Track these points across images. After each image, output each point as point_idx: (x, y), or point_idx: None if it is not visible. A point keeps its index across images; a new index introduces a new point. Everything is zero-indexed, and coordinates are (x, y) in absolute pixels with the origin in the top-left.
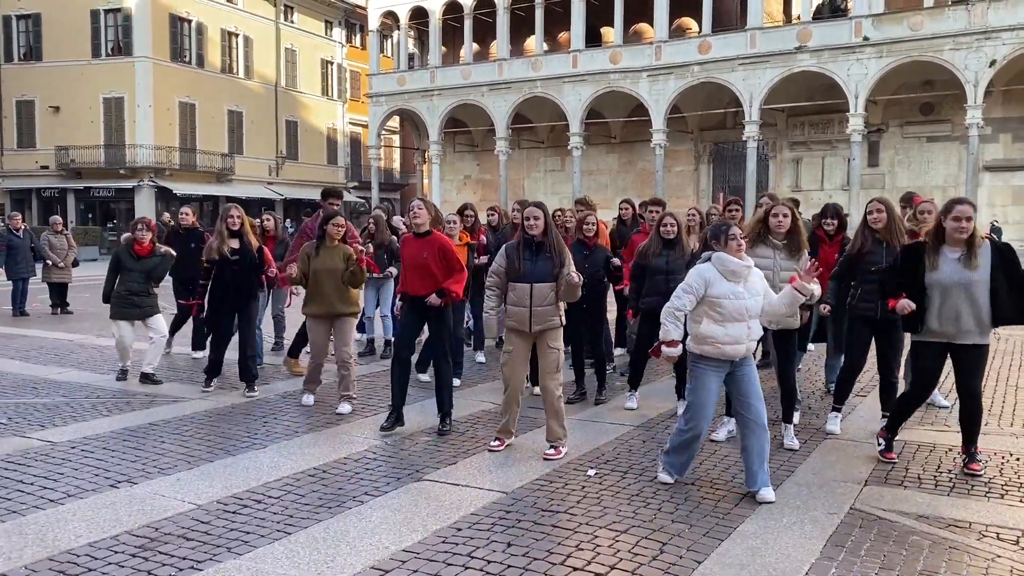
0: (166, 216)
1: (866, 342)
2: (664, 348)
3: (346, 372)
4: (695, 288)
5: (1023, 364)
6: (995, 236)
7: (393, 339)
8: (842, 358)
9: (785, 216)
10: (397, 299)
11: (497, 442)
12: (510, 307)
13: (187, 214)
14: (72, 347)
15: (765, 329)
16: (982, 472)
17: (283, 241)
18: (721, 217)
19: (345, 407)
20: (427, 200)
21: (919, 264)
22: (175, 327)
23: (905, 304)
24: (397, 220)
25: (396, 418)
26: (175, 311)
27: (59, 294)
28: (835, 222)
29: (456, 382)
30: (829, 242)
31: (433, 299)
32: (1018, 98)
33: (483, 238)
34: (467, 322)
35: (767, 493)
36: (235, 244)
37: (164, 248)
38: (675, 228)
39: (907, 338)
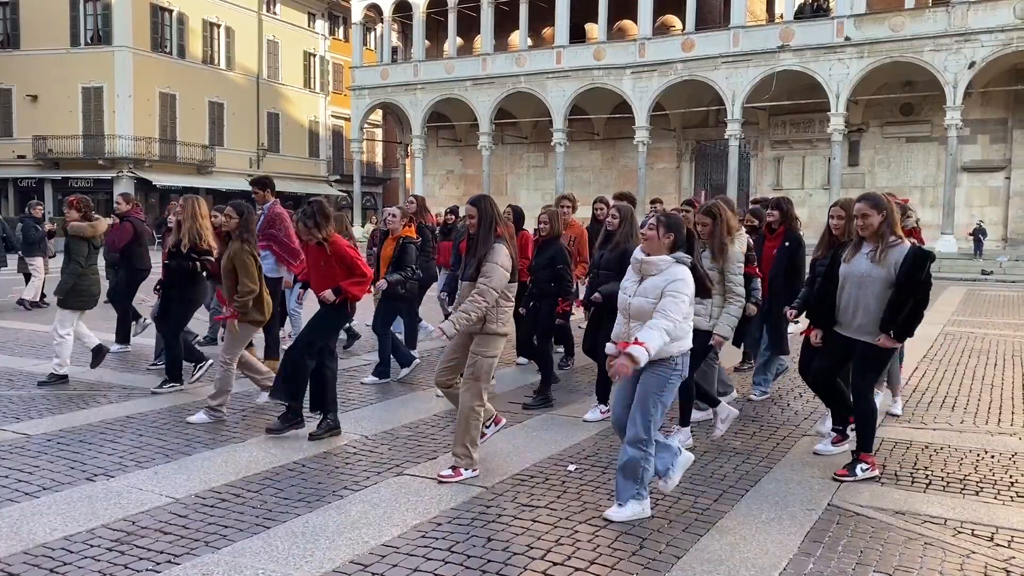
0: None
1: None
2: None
3: (220, 376)
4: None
5: (998, 362)
6: (981, 236)
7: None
8: (776, 361)
9: (704, 225)
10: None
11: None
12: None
13: (119, 203)
14: (48, 338)
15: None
16: (851, 479)
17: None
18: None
19: (200, 416)
20: (324, 202)
21: (839, 259)
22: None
23: (815, 337)
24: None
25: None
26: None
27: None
28: (776, 213)
29: (405, 371)
30: (771, 235)
31: (327, 295)
32: (996, 100)
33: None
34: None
35: (612, 512)
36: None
37: (71, 224)
38: (616, 220)
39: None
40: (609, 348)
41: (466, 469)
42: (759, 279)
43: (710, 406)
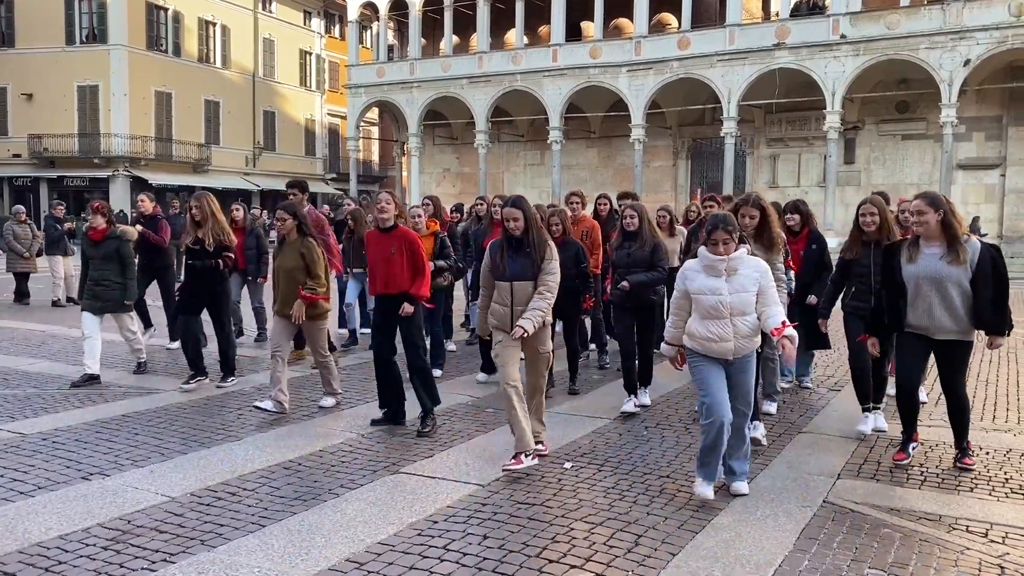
0: (175, 201)
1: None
2: (662, 348)
3: (324, 372)
4: (678, 284)
5: (993, 359)
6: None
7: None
8: (809, 353)
9: (752, 218)
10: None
11: (513, 460)
12: (493, 305)
13: (143, 201)
14: (44, 338)
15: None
16: (974, 467)
17: (252, 232)
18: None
19: (327, 400)
20: (394, 193)
21: (894, 262)
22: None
23: (873, 345)
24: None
25: (389, 414)
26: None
27: (23, 283)
28: (796, 217)
29: (437, 372)
30: (794, 238)
31: (406, 309)
32: (991, 97)
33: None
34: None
35: (739, 485)
36: (200, 235)
37: (122, 228)
38: (636, 220)
39: None
40: (667, 350)
41: (525, 455)
42: (793, 271)
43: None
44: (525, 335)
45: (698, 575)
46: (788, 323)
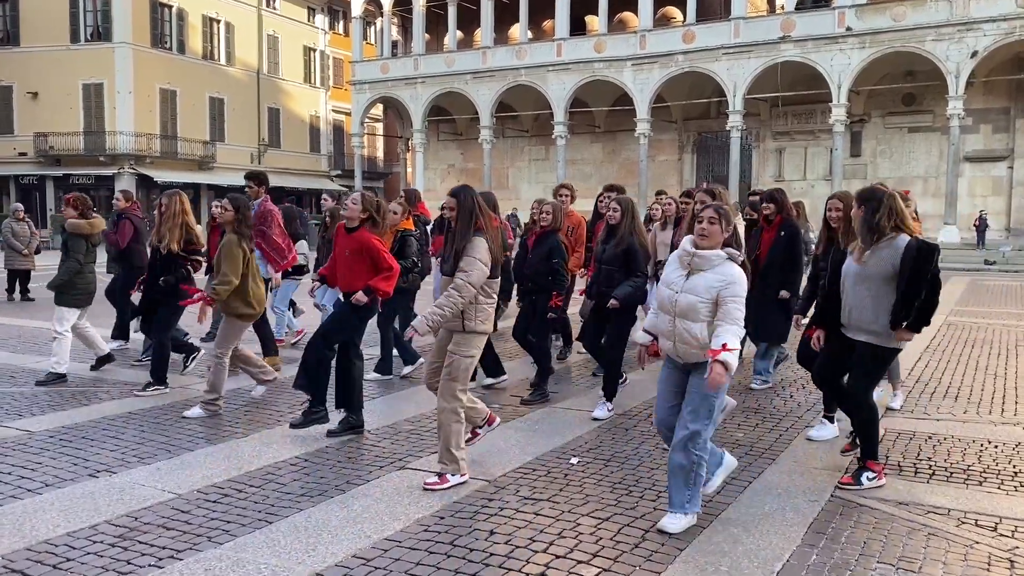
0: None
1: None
2: (635, 335)
3: (213, 369)
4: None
5: (1001, 352)
6: (984, 226)
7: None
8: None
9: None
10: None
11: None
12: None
13: (118, 198)
14: (49, 335)
15: None
16: (856, 488)
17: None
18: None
19: (196, 411)
20: (366, 194)
21: (839, 260)
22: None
23: (816, 341)
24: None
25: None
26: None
27: (21, 281)
28: (771, 205)
29: (408, 369)
30: (768, 226)
31: (359, 297)
32: (998, 89)
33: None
34: None
35: (667, 521)
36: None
37: (71, 221)
38: (618, 214)
39: None
40: (640, 337)
41: (452, 475)
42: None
43: None
44: (414, 335)
45: (705, 570)
46: (730, 348)
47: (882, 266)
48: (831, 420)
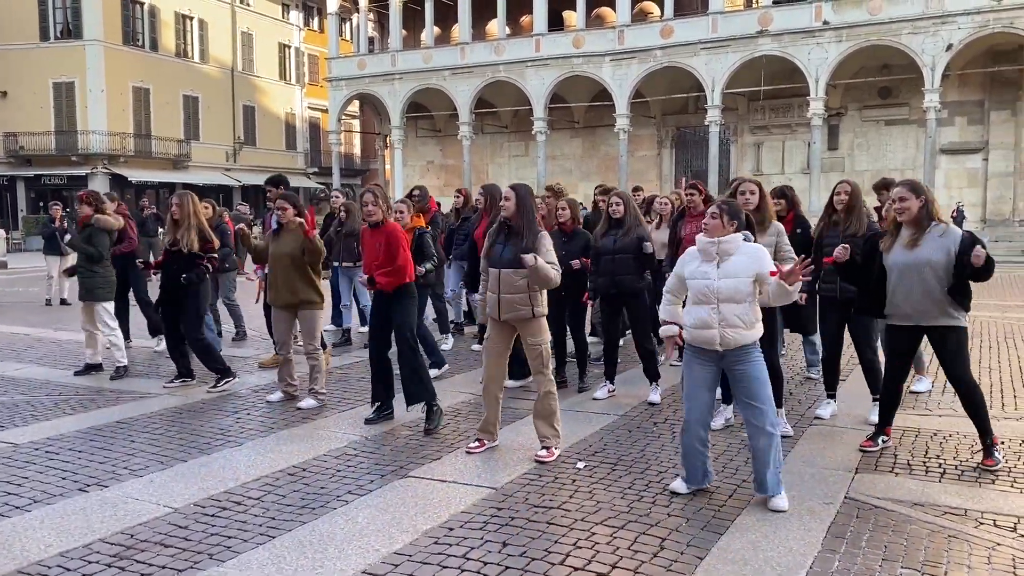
0: (145, 201)
1: (835, 324)
2: (661, 330)
3: (313, 364)
4: (676, 269)
5: (991, 345)
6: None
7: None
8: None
9: (752, 193)
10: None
11: (476, 443)
12: (487, 293)
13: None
14: (29, 341)
15: None
16: (996, 467)
17: (217, 228)
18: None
19: (308, 402)
20: (375, 189)
21: (875, 253)
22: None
23: (840, 252)
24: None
25: (380, 410)
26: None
27: None
28: (782, 201)
29: (435, 372)
30: (781, 222)
31: (361, 280)
32: (973, 82)
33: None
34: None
35: (777, 502)
36: (178, 236)
37: (97, 216)
38: (621, 207)
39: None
40: (666, 330)
41: (557, 447)
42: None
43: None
44: (533, 262)
45: None
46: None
47: (941, 252)
48: (834, 398)
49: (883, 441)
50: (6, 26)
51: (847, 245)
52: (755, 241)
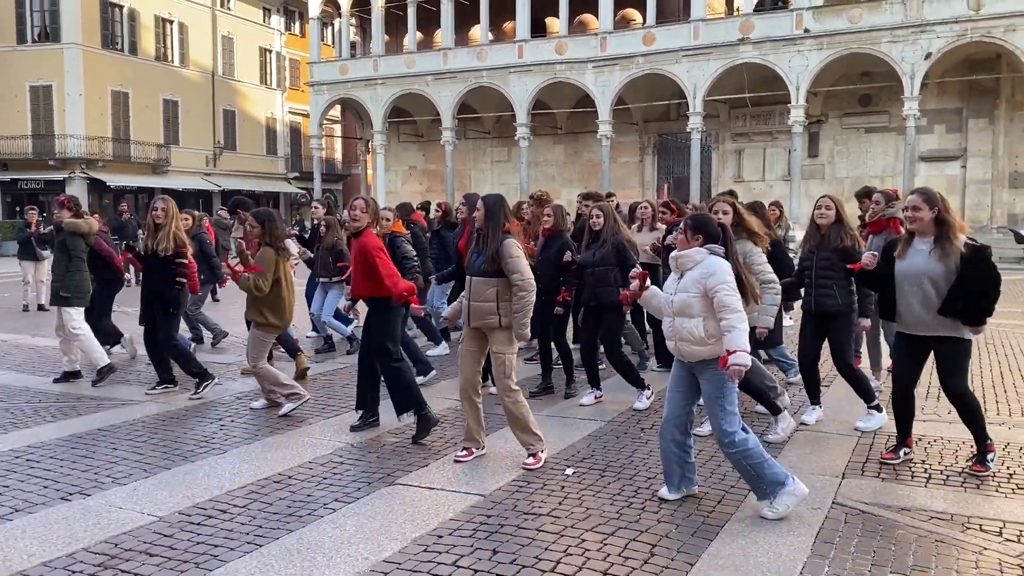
0: (123, 206)
1: (811, 334)
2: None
3: (258, 379)
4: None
5: (974, 351)
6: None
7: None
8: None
9: (725, 213)
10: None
11: (464, 452)
12: (461, 299)
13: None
14: (7, 348)
15: None
16: (985, 474)
17: (195, 237)
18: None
19: (287, 406)
20: (367, 198)
21: (890, 259)
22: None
23: (868, 259)
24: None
25: (365, 417)
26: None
27: None
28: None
29: (421, 379)
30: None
31: (345, 307)
32: (951, 90)
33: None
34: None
35: (765, 511)
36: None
37: (70, 220)
38: (601, 219)
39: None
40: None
41: (542, 451)
42: None
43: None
44: (525, 343)
45: None
46: (735, 350)
47: (948, 263)
48: (818, 404)
49: (905, 453)
50: None
51: (875, 253)
52: (725, 256)
